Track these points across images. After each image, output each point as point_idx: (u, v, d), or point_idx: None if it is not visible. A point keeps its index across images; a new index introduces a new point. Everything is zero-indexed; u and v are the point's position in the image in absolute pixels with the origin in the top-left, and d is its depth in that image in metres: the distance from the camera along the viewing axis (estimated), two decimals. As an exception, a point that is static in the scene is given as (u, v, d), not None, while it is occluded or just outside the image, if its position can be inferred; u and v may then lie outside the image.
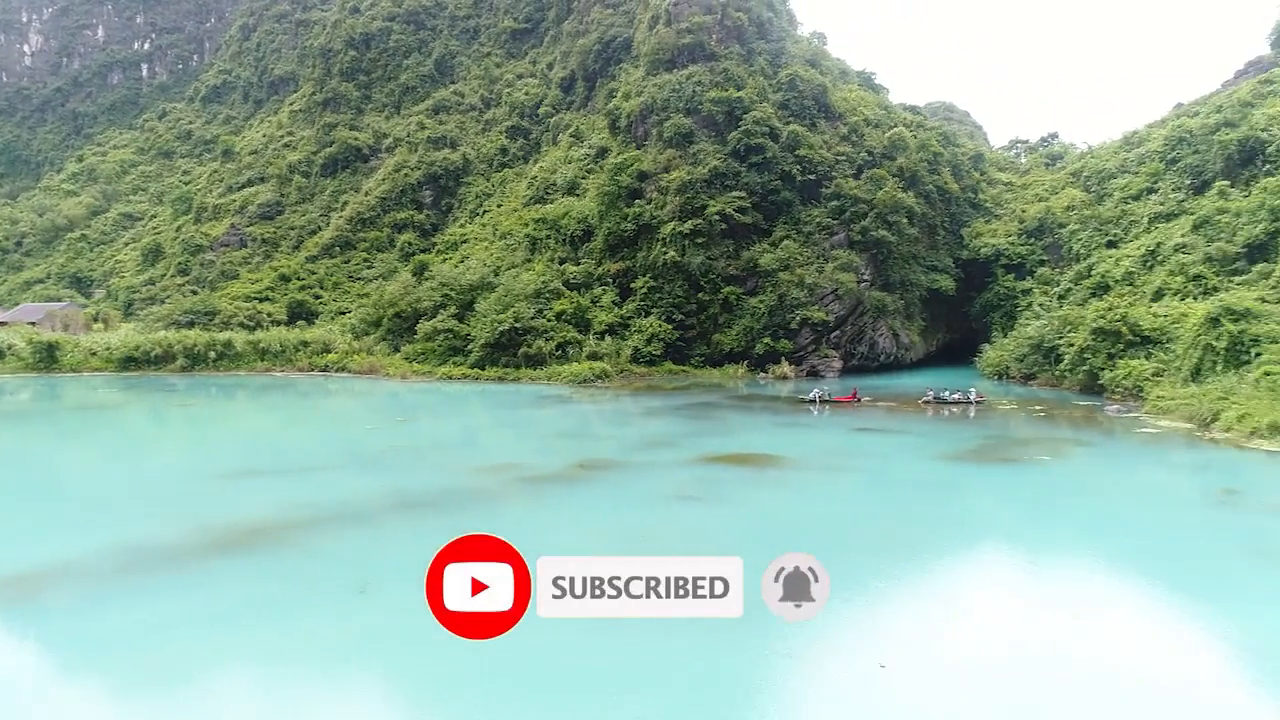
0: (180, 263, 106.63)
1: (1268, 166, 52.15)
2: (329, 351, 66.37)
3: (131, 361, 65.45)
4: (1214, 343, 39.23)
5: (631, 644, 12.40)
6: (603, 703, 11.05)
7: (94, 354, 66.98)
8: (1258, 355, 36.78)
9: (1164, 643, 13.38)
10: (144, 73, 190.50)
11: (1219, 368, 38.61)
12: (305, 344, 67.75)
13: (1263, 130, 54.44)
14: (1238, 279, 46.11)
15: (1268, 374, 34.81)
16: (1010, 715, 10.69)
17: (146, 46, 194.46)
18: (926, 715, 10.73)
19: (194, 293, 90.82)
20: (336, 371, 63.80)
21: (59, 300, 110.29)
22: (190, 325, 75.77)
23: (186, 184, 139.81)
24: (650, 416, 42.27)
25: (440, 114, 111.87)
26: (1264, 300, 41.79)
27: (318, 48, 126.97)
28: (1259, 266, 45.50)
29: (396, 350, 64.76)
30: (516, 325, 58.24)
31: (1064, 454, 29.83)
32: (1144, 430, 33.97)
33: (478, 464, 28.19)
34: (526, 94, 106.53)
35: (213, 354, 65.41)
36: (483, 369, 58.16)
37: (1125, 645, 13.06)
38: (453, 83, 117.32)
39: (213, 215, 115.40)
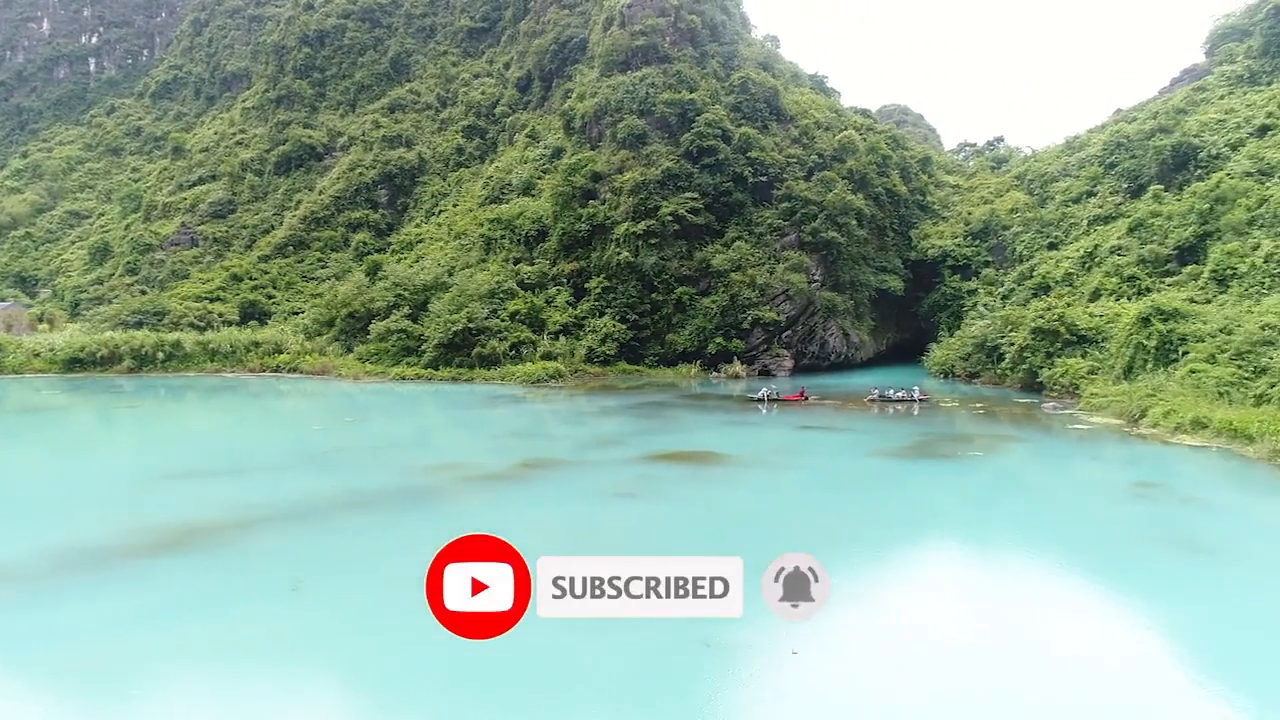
0: (129, 262, 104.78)
1: (1199, 171, 53.99)
2: (281, 352, 65.80)
3: (77, 363, 64.28)
4: (1145, 342, 40.69)
5: (554, 639, 12.86)
6: (528, 691, 11.46)
7: (37, 355, 65.68)
8: (1185, 354, 38.23)
9: (1071, 625, 14.12)
10: (92, 67, 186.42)
11: (1149, 366, 40.06)
12: (257, 344, 67.09)
13: (1195, 136, 56.38)
14: (1169, 280, 47.75)
15: (1193, 372, 36.25)
16: (910, 696, 11.30)
17: (94, 40, 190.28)
18: (829, 696, 11.33)
19: (143, 292, 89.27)
20: (288, 372, 63.32)
21: (2, 300, 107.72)
22: (138, 326, 74.51)
23: (136, 182, 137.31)
24: (601, 416, 42.72)
25: (396, 113, 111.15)
26: (1192, 301, 43.42)
27: (271, 44, 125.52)
28: (1189, 268, 47.15)
29: (349, 351, 64.42)
30: (470, 325, 58.32)
31: (997, 450, 30.86)
32: (1076, 427, 35.19)
33: (423, 463, 28.44)
34: (483, 93, 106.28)
35: (161, 355, 64.51)
36: (436, 369, 58.15)
37: (1034, 628, 13.79)
38: (408, 81, 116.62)
39: (163, 214, 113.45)
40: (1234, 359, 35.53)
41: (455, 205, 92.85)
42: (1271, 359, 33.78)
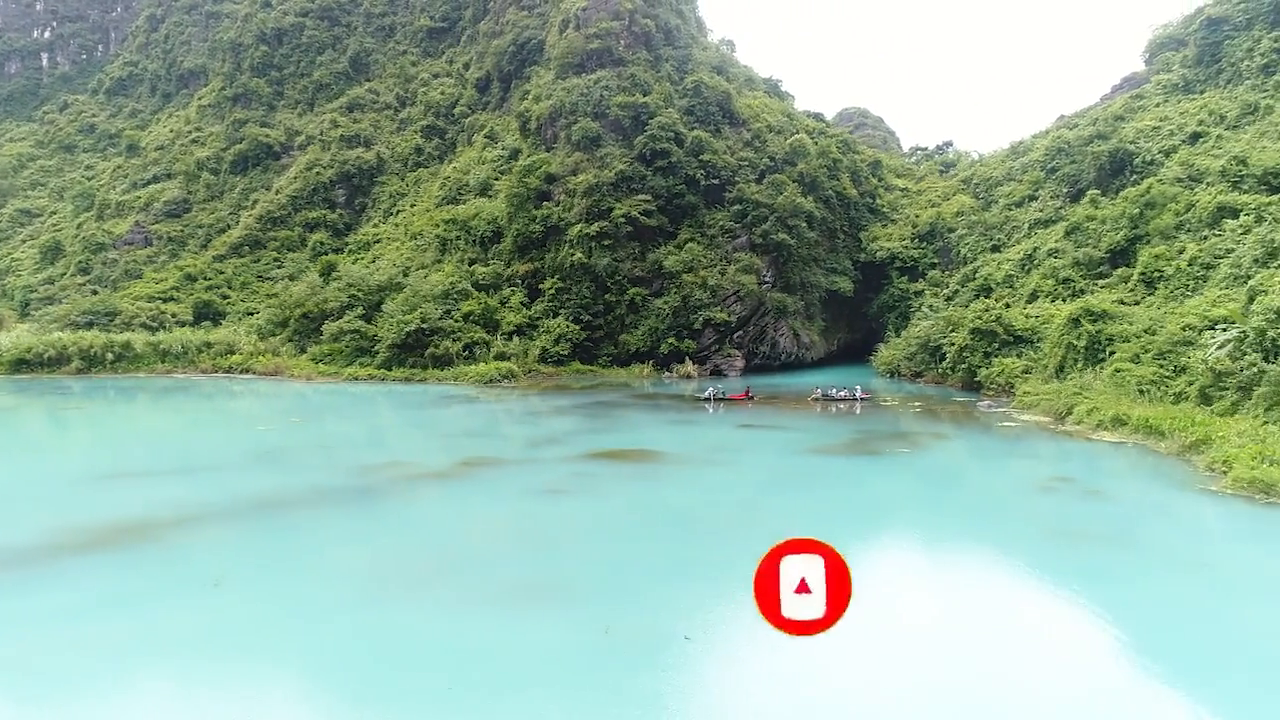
0: (81, 261, 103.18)
1: (1135, 177, 55.80)
2: (233, 353, 65.55)
3: (23, 364, 63.58)
4: (1075, 342, 42.16)
5: (453, 625, 13.53)
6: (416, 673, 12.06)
7: (-18, 355, 64.91)
8: (1112, 353, 39.71)
9: (964, 609, 15.01)
10: (44, 62, 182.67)
11: (1079, 365, 41.54)
12: (209, 345, 66.78)
13: (1131, 143, 58.28)
14: (1101, 282, 49.40)
15: (1118, 370, 37.70)
16: (787, 676, 12.07)
17: (47, 35, 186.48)
18: (719, 679, 12.08)
19: (94, 292, 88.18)
20: (241, 373, 63.13)
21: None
22: (89, 326, 73.73)
23: (89, 180, 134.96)
24: (548, 415, 43.34)
25: (354, 112, 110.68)
26: (1122, 302, 45.02)
27: (228, 41, 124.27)
28: (1120, 270, 48.81)
29: (303, 351, 64.35)
30: (423, 326, 58.62)
31: (925, 447, 31.96)
32: (1006, 424, 36.43)
33: (364, 462, 28.86)
34: (442, 93, 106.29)
35: (110, 356, 64.02)
36: (389, 369, 58.38)
37: (926, 613, 14.67)
38: (368, 80, 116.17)
39: (116, 212, 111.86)
40: (1156, 359, 37.00)
41: (413, 205, 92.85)
42: (1190, 358, 35.22)
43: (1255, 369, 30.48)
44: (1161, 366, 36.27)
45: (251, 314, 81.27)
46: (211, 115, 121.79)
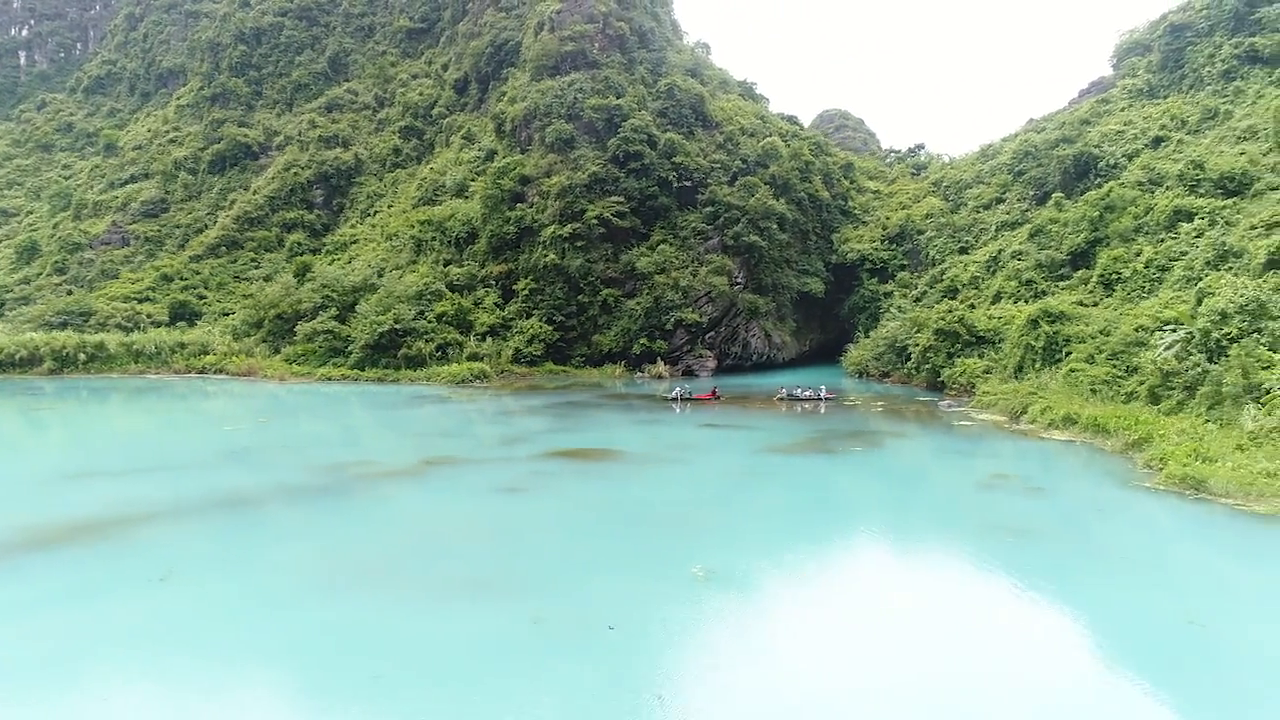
0: (57, 261, 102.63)
1: (1099, 180, 56.73)
2: (207, 353, 65.66)
3: (-6, 364, 63.55)
4: (1034, 342, 43.01)
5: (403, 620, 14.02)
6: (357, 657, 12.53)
7: (-46, 357, 64.73)
8: (1068, 354, 40.56)
9: (890, 603, 15.61)
10: (22, 60, 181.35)
11: (1037, 365, 42.43)
12: (183, 346, 66.87)
13: (1095, 147, 59.25)
14: (1063, 284, 50.29)
15: (1072, 371, 38.55)
16: (697, 665, 12.63)
17: (25, 33, 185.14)
18: (635, 665, 12.62)
19: (69, 293, 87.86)
20: (214, 373, 63.27)
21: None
22: (63, 326, 73.66)
23: (67, 179, 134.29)
24: (517, 415, 43.78)
25: (333, 112, 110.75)
26: (1081, 304, 45.92)
27: (206, 41, 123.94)
28: (1080, 272, 49.71)
29: (277, 352, 64.54)
30: (397, 326, 58.95)
31: (880, 445, 32.63)
32: (963, 423, 37.20)
33: (325, 462, 29.19)
34: (421, 94, 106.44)
35: (83, 356, 64.00)
36: (362, 370, 58.68)
37: (851, 605, 15.27)
38: (346, 81, 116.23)
39: (93, 212, 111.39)
40: (1110, 359, 37.86)
41: (390, 206, 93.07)
42: (1142, 359, 36.06)
43: (1199, 369, 31.33)
44: (1114, 367, 37.12)
45: (228, 314, 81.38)
46: (189, 115, 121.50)
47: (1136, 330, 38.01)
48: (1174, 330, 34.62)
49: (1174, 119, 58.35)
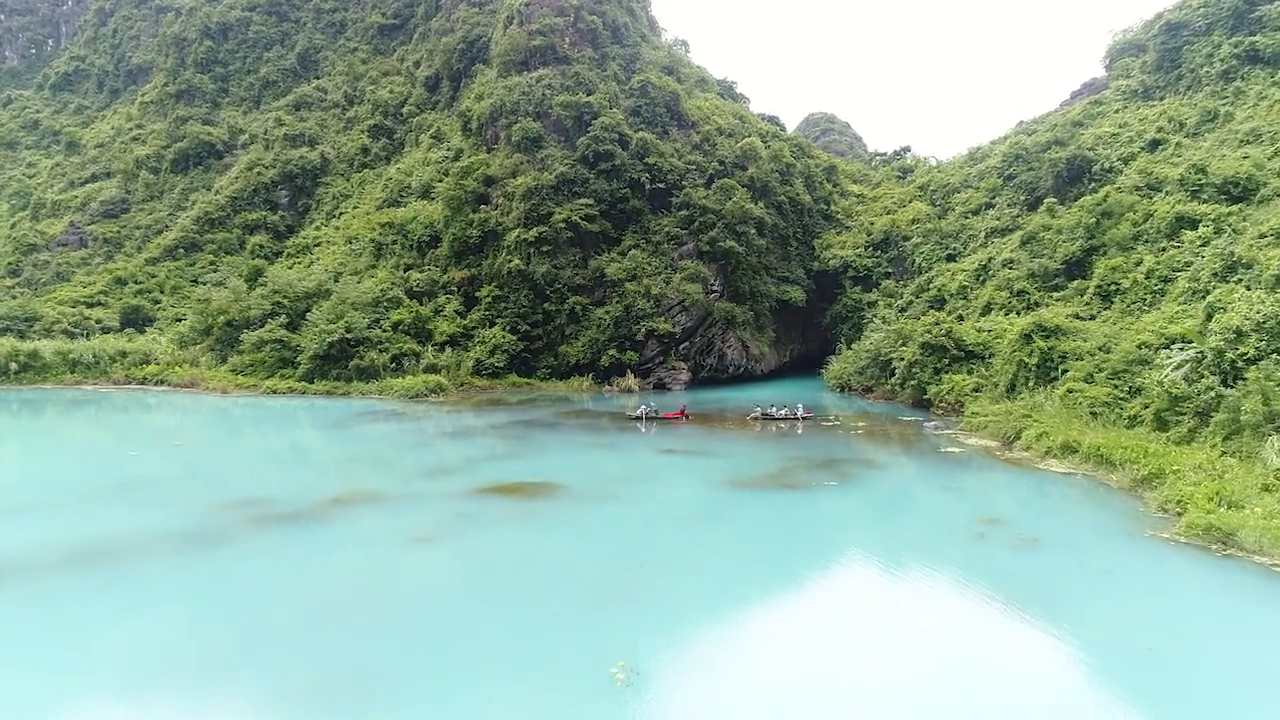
0: (11, 263, 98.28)
1: (1093, 185, 53.62)
2: (149, 363, 61.65)
3: (-84, 375, 59.37)
4: (1026, 359, 39.75)
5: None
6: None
7: None
8: (1064, 372, 37.34)
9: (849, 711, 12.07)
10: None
11: (1031, 384, 39.17)
12: (124, 355, 62.84)
13: (1089, 150, 56.14)
14: (1057, 295, 47.07)
15: (1070, 391, 35.27)
16: None
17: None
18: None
19: (13, 298, 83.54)
20: (155, 384, 59.39)
21: None
22: (4, 332, 69.50)
23: (29, 178, 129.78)
24: (461, 437, 40.18)
25: (301, 110, 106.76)
26: (1078, 316, 42.72)
27: (172, 36, 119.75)
28: (1075, 282, 46.50)
29: (224, 361, 60.60)
30: (348, 336, 55.24)
31: (854, 479, 29.00)
32: (950, 450, 33.81)
33: (220, 499, 25.36)
34: (391, 92, 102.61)
35: (14, 365, 59.80)
36: (311, 382, 54.99)
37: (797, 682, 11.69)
38: (316, 78, 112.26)
39: (52, 212, 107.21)
40: (1110, 378, 34.67)
41: (355, 208, 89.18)
42: (1146, 379, 32.80)
43: (1213, 393, 28.07)
44: (1116, 387, 33.92)
45: (181, 320, 77.30)
46: (154, 112, 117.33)
47: (1139, 347, 34.81)
48: (1182, 349, 31.36)
49: (1171, 121, 55.31)
